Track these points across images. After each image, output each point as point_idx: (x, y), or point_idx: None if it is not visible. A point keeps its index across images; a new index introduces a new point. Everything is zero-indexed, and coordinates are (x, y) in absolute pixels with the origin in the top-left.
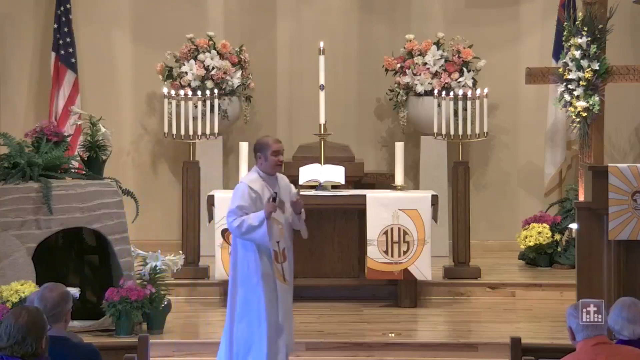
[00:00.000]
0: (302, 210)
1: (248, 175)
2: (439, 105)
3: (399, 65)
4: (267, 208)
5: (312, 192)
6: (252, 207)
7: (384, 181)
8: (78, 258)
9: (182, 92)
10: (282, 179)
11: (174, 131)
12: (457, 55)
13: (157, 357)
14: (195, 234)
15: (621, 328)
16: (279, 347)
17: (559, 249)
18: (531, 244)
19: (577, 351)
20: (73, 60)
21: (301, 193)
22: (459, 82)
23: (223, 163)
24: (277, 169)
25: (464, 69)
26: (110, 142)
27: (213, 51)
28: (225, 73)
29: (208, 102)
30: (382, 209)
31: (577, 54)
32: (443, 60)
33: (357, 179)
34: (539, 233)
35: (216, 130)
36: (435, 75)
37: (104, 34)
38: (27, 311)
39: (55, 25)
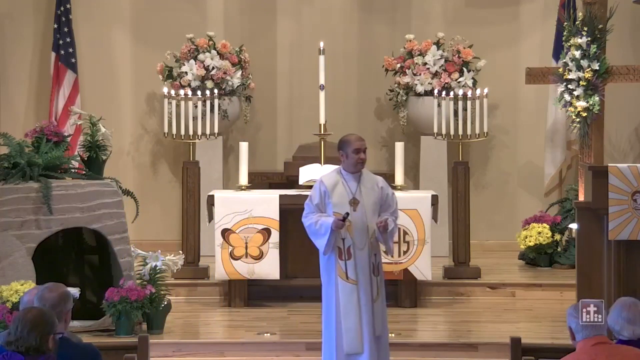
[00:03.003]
0: (390, 230)
1: (330, 171)
2: (439, 105)
3: (399, 65)
4: (335, 224)
5: None
6: (320, 201)
7: None
8: (78, 258)
9: (182, 92)
10: (369, 176)
11: (174, 131)
12: (457, 55)
13: (157, 357)
14: (195, 234)
15: (621, 328)
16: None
17: (559, 249)
18: (531, 244)
19: (577, 351)
20: (73, 60)
21: (302, 193)
22: (459, 82)
23: (223, 163)
24: (358, 167)
25: (464, 69)
26: (110, 142)
27: (213, 51)
28: (225, 73)
29: (208, 102)
30: None
31: (577, 54)
32: (443, 60)
33: None
34: (539, 233)
35: (216, 130)
36: (435, 75)
37: (104, 34)
38: (37, 309)
39: (55, 25)
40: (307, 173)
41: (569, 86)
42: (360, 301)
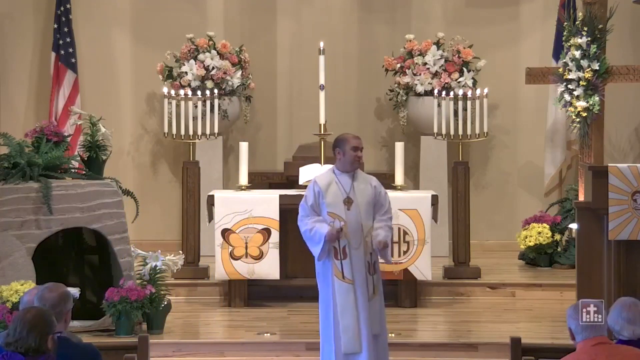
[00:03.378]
0: (387, 249)
1: (324, 171)
2: (439, 105)
3: (399, 65)
4: (330, 235)
5: None
6: (314, 201)
7: (384, 181)
8: (78, 258)
9: (182, 92)
10: (362, 175)
11: (174, 131)
12: (457, 55)
13: (157, 357)
14: (195, 234)
15: (621, 328)
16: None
17: (559, 249)
18: (531, 244)
19: (577, 351)
20: (73, 60)
21: (302, 193)
22: (459, 82)
23: (223, 163)
24: (355, 165)
25: (464, 69)
26: (110, 142)
27: (213, 51)
28: (225, 73)
29: (208, 102)
30: None
31: (577, 54)
32: (443, 60)
33: None
34: (539, 233)
35: (216, 130)
36: (435, 75)
37: (104, 34)
38: (35, 309)
39: (55, 25)
40: (307, 173)
41: (569, 86)
42: (357, 300)
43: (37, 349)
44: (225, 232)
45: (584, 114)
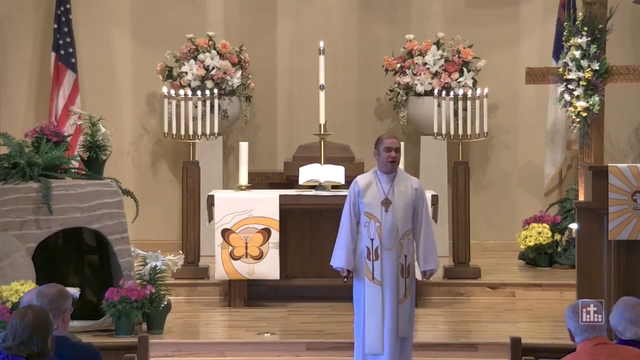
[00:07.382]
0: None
1: (367, 172)
2: (439, 105)
3: (399, 65)
4: (341, 270)
5: (312, 192)
6: (354, 200)
7: None
8: (78, 258)
9: (182, 92)
10: (404, 177)
11: (174, 131)
12: (457, 55)
13: (157, 357)
14: (195, 234)
15: (624, 329)
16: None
17: (559, 249)
18: (531, 244)
19: (577, 351)
20: (73, 60)
21: (302, 193)
22: (459, 82)
23: (223, 163)
24: (389, 166)
25: (464, 69)
26: (110, 142)
27: (213, 51)
28: (225, 73)
29: (208, 102)
30: None
31: (577, 54)
32: (443, 60)
33: None
34: (539, 233)
35: (216, 130)
36: (435, 75)
37: (104, 34)
38: (32, 311)
39: (55, 25)
40: (307, 173)
41: (569, 86)
42: (385, 302)
43: (40, 352)
44: (225, 232)
45: (584, 114)
